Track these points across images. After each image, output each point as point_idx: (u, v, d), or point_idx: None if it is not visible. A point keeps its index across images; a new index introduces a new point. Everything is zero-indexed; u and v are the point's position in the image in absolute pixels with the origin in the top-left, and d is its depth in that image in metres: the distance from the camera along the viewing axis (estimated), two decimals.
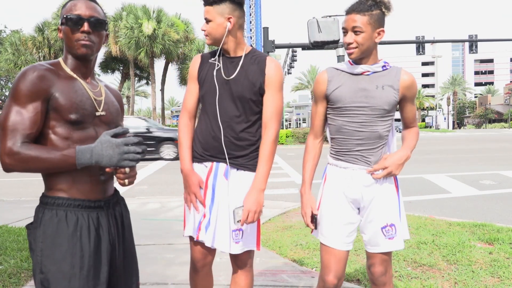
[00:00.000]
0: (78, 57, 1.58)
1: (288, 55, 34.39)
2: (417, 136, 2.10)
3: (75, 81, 1.56)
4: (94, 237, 1.53)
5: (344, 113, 1.98)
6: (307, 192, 2.07)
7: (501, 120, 75.27)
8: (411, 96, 2.01)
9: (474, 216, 5.92)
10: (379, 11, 1.87)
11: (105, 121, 1.63)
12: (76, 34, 1.54)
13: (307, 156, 2.12)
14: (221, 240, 2.04)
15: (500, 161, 13.09)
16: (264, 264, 3.75)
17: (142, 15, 31.43)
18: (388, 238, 1.99)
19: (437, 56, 59.91)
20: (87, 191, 1.55)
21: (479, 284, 3.20)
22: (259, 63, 2.05)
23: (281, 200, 7.27)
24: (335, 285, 2.02)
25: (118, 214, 1.69)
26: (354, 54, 1.90)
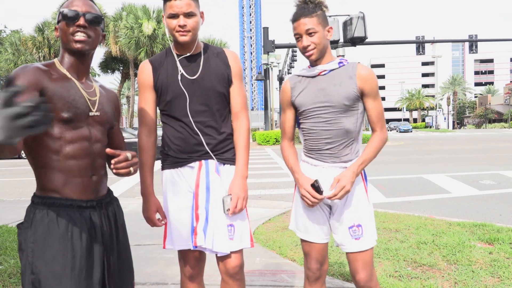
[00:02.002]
0: (74, 53, 1.57)
1: (288, 55, 34.39)
2: (379, 144, 2.02)
3: (69, 81, 1.55)
4: (86, 237, 1.52)
5: (309, 115, 2.05)
6: (300, 173, 2.07)
7: (501, 120, 75.26)
8: (370, 90, 1.99)
9: (474, 216, 5.92)
10: (321, 11, 1.98)
11: (99, 121, 1.62)
12: (72, 28, 1.54)
13: (286, 152, 2.19)
14: (219, 241, 1.95)
15: (500, 161, 13.09)
16: (264, 264, 3.75)
17: (142, 15, 31.44)
18: (354, 238, 2.02)
19: (437, 56, 59.77)
20: (79, 191, 1.54)
21: (479, 284, 3.20)
22: (218, 55, 2.04)
23: (281, 200, 7.27)
24: (318, 268, 2.10)
25: (111, 214, 1.66)
26: (314, 54, 1.98)
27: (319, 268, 2.11)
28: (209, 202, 1.97)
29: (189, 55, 2.00)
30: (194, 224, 1.97)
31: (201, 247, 1.97)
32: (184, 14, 1.87)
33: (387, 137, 2.09)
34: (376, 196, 7.61)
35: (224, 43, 34.87)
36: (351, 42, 16.60)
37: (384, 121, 2.06)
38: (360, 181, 2.06)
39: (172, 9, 1.87)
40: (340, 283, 3.25)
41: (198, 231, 1.95)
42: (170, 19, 1.90)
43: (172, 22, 1.90)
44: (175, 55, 2.01)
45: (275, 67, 34.05)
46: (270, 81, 31.22)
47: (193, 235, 1.97)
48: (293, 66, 34.49)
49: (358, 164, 1.97)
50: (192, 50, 1.99)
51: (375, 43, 22.60)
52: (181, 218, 2.01)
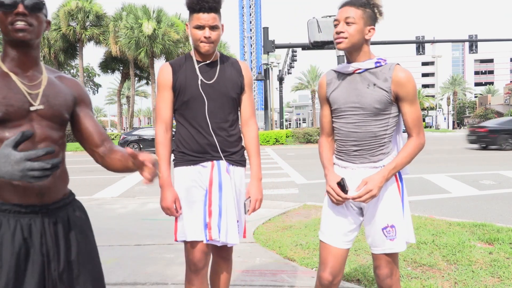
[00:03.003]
0: (17, 43, 1.43)
1: (288, 55, 34.40)
2: (414, 150, 1.94)
3: (4, 77, 1.42)
4: (20, 246, 1.37)
5: (340, 115, 2.00)
6: (330, 170, 2.02)
7: None
8: (406, 95, 1.90)
9: (474, 216, 5.92)
10: (371, 11, 1.91)
11: (44, 115, 1.45)
12: (10, 17, 1.39)
13: (321, 148, 2.12)
14: (232, 234, 2.11)
15: (500, 161, 13.09)
16: (264, 264, 3.75)
17: (142, 15, 31.45)
18: (389, 239, 1.97)
19: (437, 56, 59.88)
20: (19, 195, 1.40)
21: (479, 284, 3.20)
22: (233, 65, 2.23)
23: (281, 200, 7.27)
24: (330, 282, 2.01)
25: (62, 220, 1.50)
26: (343, 43, 1.89)
27: (331, 281, 2.01)
28: (221, 199, 2.11)
29: (209, 62, 2.17)
30: (207, 219, 2.10)
31: (215, 240, 2.10)
32: (210, 27, 2.04)
33: (424, 143, 1.98)
34: None
35: (224, 43, 34.90)
36: None
37: (422, 126, 1.97)
38: (393, 181, 1.99)
39: (199, 21, 2.03)
40: (340, 284, 3.25)
41: (212, 226, 2.08)
42: (196, 30, 2.06)
43: (198, 32, 2.06)
44: (195, 61, 2.16)
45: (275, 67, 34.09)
46: (270, 81, 31.23)
47: (207, 230, 2.09)
48: (293, 66, 34.52)
49: (390, 169, 1.89)
50: (212, 58, 2.16)
51: (375, 43, 22.63)
52: (193, 211, 2.13)
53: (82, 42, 34.35)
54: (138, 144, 20.56)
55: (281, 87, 38.89)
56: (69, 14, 32.70)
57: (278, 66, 36.12)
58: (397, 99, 1.93)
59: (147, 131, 21.33)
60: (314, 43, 15.43)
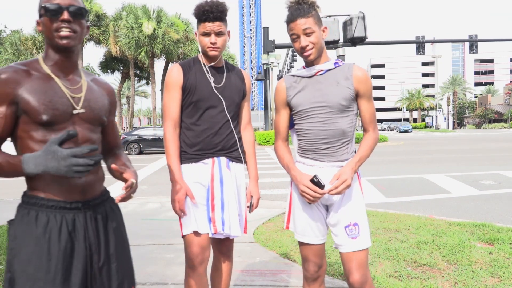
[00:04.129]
0: (60, 49, 1.49)
1: (288, 55, 34.41)
2: (372, 143, 2.06)
3: (49, 80, 1.48)
4: (66, 240, 1.46)
5: (306, 115, 2.05)
6: (297, 170, 2.06)
7: (501, 120, 75.29)
8: (365, 91, 2.02)
9: (474, 216, 5.92)
10: (315, 11, 2.00)
11: (86, 118, 1.53)
12: (55, 24, 1.45)
13: (281, 151, 2.18)
14: (235, 227, 2.21)
15: (500, 161, 13.09)
16: (264, 264, 3.75)
17: (142, 15, 31.45)
18: (351, 238, 2.01)
19: (437, 56, 59.80)
20: (64, 192, 1.48)
21: (479, 284, 3.20)
22: (237, 72, 2.38)
23: (281, 200, 7.27)
24: (316, 271, 2.11)
25: (101, 216, 1.59)
26: (312, 54, 1.99)
27: (317, 271, 2.12)
28: (223, 193, 2.21)
29: (217, 67, 2.29)
30: (210, 214, 2.19)
31: (220, 233, 2.20)
32: (215, 33, 2.17)
33: (378, 137, 2.11)
34: (376, 196, 7.61)
35: None
36: (351, 42, 16.61)
37: (376, 121, 2.10)
38: (355, 179, 2.07)
39: (206, 28, 2.15)
40: (340, 283, 3.25)
41: (216, 219, 2.18)
42: (203, 37, 2.19)
43: (205, 39, 2.18)
44: (203, 64, 2.27)
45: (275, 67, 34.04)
46: (270, 81, 31.22)
47: (211, 223, 2.18)
48: (293, 66, 34.52)
49: (355, 161, 1.99)
50: (217, 62, 2.28)
51: (375, 43, 22.62)
52: (193, 206, 2.20)
53: (82, 42, 34.32)
54: (138, 144, 20.56)
55: None
56: None
57: (278, 66, 36.05)
58: (356, 96, 2.04)
59: (147, 131, 21.33)
60: None
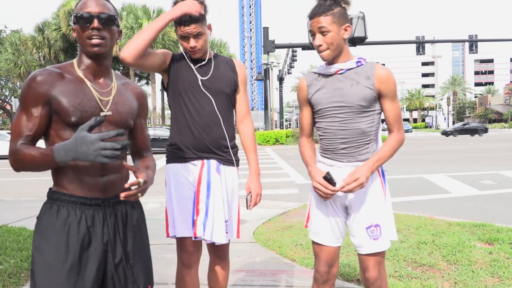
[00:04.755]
0: (91, 56, 1.57)
1: (288, 55, 34.38)
2: (395, 145, 1.98)
3: (80, 83, 1.56)
4: (84, 235, 1.52)
5: (324, 115, 2.02)
6: (313, 166, 2.04)
7: (501, 120, 75.26)
8: (388, 92, 1.95)
9: (474, 216, 5.92)
10: (339, 7, 1.91)
11: (112, 121, 1.60)
12: (86, 31, 1.53)
13: (302, 148, 2.15)
14: (218, 233, 2.12)
15: (500, 161, 13.09)
16: (264, 264, 3.75)
17: (142, 15, 31.45)
18: (372, 239, 1.98)
19: (437, 56, 59.87)
20: (85, 189, 1.55)
21: (479, 284, 3.20)
22: (227, 63, 2.27)
23: (281, 200, 7.27)
24: (327, 272, 2.07)
25: (121, 214, 1.64)
26: (327, 55, 1.94)
27: (328, 272, 2.08)
28: (209, 198, 2.13)
29: (203, 60, 2.19)
30: (194, 217, 2.14)
31: (200, 238, 2.13)
32: (193, 36, 2.08)
33: (404, 138, 2.03)
34: None
35: (224, 43, 34.90)
36: (351, 42, 16.57)
37: (402, 122, 2.02)
38: (377, 178, 2.01)
39: (182, 32, 2.08)
40: (340, 283, 3.25)
41: (198, 223, 2.12)
42: (182, 40, 2.12)
43: (184, 43, 2.12)
44: (187, 59, 2.19)
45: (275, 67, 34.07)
46: (270, 81, 31.22)
47: (193, 227, 2.13)
48: (293, 66, 34.50)
49: (374, 161, 1.92)
50: (206, 57, 2.20)
51: (375, 43, 22.61)
52: (183, 208, 2.16)
53: None
54: None
55: (281, 87, 38.87)
56: (69, 14, 32.63)
57: (278, 66, 36.09)
58: (379, 96, 1.97)
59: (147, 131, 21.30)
60: None
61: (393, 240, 2.04)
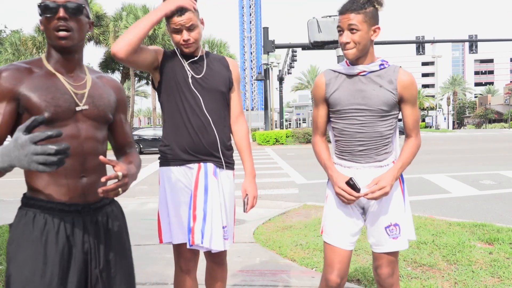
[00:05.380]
0: (59, 49, 1.45)
1: (288, 55, 34.40)
2: (415, 150, 2.00)
3: (51, 77, 1.44)
4: (63, 244, 1.41)
5: (343, 116, 1.97)
6: (334, 170, 1.99)
7: (501, 120, 75.25)
8: (409, 97, 1.93)
9: (474, 216, 5.92)
10: (372, 7, 1.86)
11: (90, 115, 1.48)
12: (52, 22, 1.41)
13: (318, 147, 2.08)
14: (216, 240, 2.03)
15: (500, 161, 13.09)
16: (264, 264, 3.75)
17: (142, 15, 31.42)
18: (392, 238, 1.98)
19: (437, 56, 59.85)
20: (63, 193, 1.43)
21: (479, 284, 3.20)
22: (220, 60, 2.18)
23: (281, 200, 7.27)
24: (338, 284, 1.99)
25: (102, 220, 1.53)
26: (352, 54, 1.87)
27: (338, 284, 1.98)
28: (206, 203, 2.03)
29: (195, 57, 2.10)
30: (191, 224, 2.01)
31: (198, 246, 2.02)
32: (187, 28, 1.98)
33: (421, 143, 2.03)
34: None
35: (224, 43, 34.88)
36: None
37: (419, 127, 2.02)
38: (397, 183, 2.01)
39: (176, 24, 1.97)
40: None
41: (196, 230, 2.00)
42: (174, 34, 2.01)
43: (176, 36, 2.01)
44: (182, 59, 2.09)
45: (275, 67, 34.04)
46: (270, 81, 31.21)
47: (190, 235, 2.00)
48: (293, 66, 34.53)
49: (398, 168, 1.93)
50: (198, 53, 2.11)
51: (375, 43, 22.60)
52: (179, 214, 2.08)
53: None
54: (138, 144, 20.56)
55: (281, 87, 38.90)
56: None
57: (278, 66, 36.08)
58: (400, 101, 1.95)
59: (147, 131, 21.34)
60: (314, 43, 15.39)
61: (411, 239, 2.05)
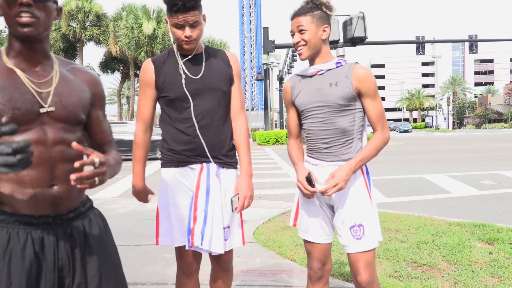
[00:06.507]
0: (21, 38, 1.26)
1: (288, 55, 34.39)
2: (379, 144, 1.99)
3: (9, 74, 1.26)
4: (31, 262, 1.23)
5: (307, 115, 2.06)
6: (299, 165, 2.07)
7: (501, 120, 75.27)
8: (367, 90, 1.96)
9: (474, 216, 5.91)
10: (320, 11, 1.98)
11: (57, 117, 1.30)
12: (14, 8, 1.22)
13: (290, 148, 2.20)
14: (216, 242, 2.00)
15: (500, 161, 13.09)
16: (264, 264, 3.75)
17: (142, 15, 31.46)
18: (356, 239, 1.98)
19: (437, 56, 59.84)
20: (30, 204, 1.25)
21: (479, 284, 3.20)
22: (219, 56, 2.11)
23: (281, 200, 7.27)
24: (320, 268, 2.10)
25: (78, 232, 1.35)
26: (304, 52, 1.99)
27: (321, 268, 2.11)
28: (208, 204, 2.00)
29: (193, 55, 2.05)
30: (191, 225, 1.99)
31: (197, 248, 2.00)
32: (190, 25, 1.93)
33: (389, 137, 2.04)
34: (376, 196, 7.60)
35: (224, 43, 34.89)
36: (351, 42, 16.59)
37: (385, 121, 2.03)
38: (360, 179, 2.02)
39: (179, 20, 1.92)
40: (340, 283, 3.25)
41: (196, 232, 1.97)
42: (176, 29, 1.95)
43: (178, 31, 1.95)
44: (178, 56, 2.05)
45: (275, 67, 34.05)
46: (270, 81, 31.23)
47: (190, 236, 1.98)
48: (293, 66, 34.50)
49: (356, 161, 1.94)
50: (195, 51, 2.05)
51: (375, 43, 22.61)
52: (180, 215, 2.05)
53: (82, 42, 34.35)
54: None
55: (281, 87, 38.86)
56: (69, 14, 32.68)
57: (278, 66, 36.07)
58: (359, 95, 2.00)
59: None
60: None
61: (378, 240, 2.03)
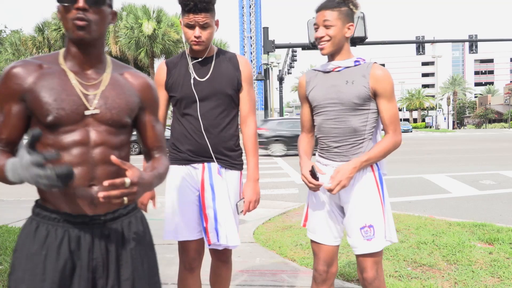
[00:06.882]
0: (77, 42, 1.30)
1: (288, 55, 34.38)
2: (388, 146, 1.95)
3: (60, 76, 1.30)
4: (65, 260, 1.26)
5: (320, 111, 2.04)
6: (303, 159, 2.06)
7: (501, 120, 75.25)
8: (383, 91, 1.94)
9: (474, 216, 5.92)
10: (347, 8, 1.96)
11: (101, 120, 1.32)
12: (71, 12, 1.26)
13: (300, 142, 2.19)
14: (232, 236, 2.07)
15: (500, 161, 13.08)
16: (264, 264, 3.75)
17: (142, 15, 31.44)
18: (366, 239, 1.98)
19: (437, 56, 59.88)
20: (70, 203, 1.29)
21: (479, 284, 3.20)
22: (230, 60, 2.15)
23: (281, 200, 7.27)
24: (326, 271, 2.08)
25: (115, 233, 1.36)
26: (327, 48, 1.96)
27: (326, 271, 2.09)
28: (215, 201, 2.07)
29: (204, 58, 2.12)
30: (204, 224, 2.08)
31: (215, 244, 2.08)
32: (200, 26, 1.99)
33: (400, 141, 1.99)
34: None
35: (224, 43, 34.88)
36: (351, 42, 16.47)
37: (399, 124, 1.98)
38: (369, 177, 1.99)
39: (190, 20, 1.98)
40: (340, 283, 3.25)
41: (210, 230, 2.06)
42: (187, 29, 2.02)
43: (189, 31, 2.02)
44: (189, 58, 2.12)
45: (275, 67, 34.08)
46: (270, 81, 31.24)
47: (206, 235, 2.07)
48: (293, 66, 34.48)
49: (362, 160, 1.91)
50: (205, 54, 2.11)
51: (375, 43, 22.59)
52: (186, 211, 2.10)
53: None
54: (138, 144, 20.58)
55: (281, 87, 38.85)
56: None
57: (278, 66, 36.10)
58: (375, 95, 1.97)
59: None
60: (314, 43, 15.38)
61: (393, 241, 2.03)
